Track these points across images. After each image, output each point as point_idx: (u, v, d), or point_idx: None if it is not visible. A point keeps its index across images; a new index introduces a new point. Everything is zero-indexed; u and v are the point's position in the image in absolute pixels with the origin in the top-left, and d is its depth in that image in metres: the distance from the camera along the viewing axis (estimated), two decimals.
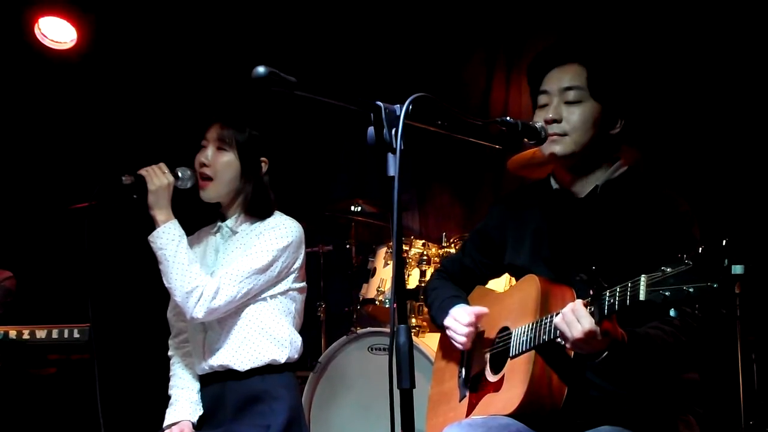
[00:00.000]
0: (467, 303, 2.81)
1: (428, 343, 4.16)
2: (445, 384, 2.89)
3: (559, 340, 2.35)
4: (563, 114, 2.55)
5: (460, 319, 2.69)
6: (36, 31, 4.88)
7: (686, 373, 2.54)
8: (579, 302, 2.26)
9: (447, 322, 2.73)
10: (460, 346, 2.71)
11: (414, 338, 3.95)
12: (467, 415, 2.65)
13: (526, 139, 2.50)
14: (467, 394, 2.73)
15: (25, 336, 3.56)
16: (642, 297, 2.07)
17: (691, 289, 1.96)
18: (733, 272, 1.90)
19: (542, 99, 2.60)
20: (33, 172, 5.31)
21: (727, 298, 1.93)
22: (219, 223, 3.16)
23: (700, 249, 1.97)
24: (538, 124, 2.50)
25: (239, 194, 3.11)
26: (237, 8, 5.56)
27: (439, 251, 4.55)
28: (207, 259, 3.12)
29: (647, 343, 2.32)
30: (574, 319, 2.24)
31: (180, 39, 5.47)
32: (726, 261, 1.91)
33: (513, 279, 2.91)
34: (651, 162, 4.37)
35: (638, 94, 2.67)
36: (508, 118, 2.41)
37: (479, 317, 2.68)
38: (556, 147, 2.55)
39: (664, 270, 2.03)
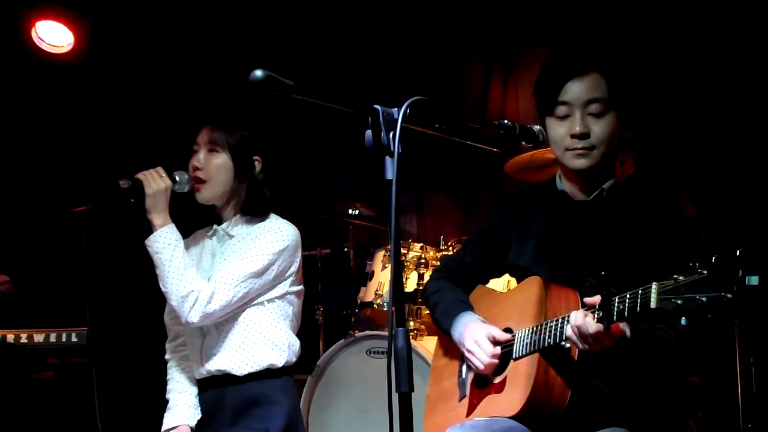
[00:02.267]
0: (472, 308, 2.80)
1: (426, 346, 4.16)
2: (443, 383, 2.88)
3: (563, 343, 2.36)
4: (590, 127, 2.52)
5: (484, 348, 2.62)
6: (33, 35, 4.87)
7: (687, 377, 2.54)
8: (588, 319, 2.26)
9: (469, 345, 2.65)
10: (476, 370, 2.68)
11: (412, 341, 3.96)
12: (467, 416, 2.65)
13: (523, 142, 2.49)
14: (467, 394, 2.72)
15: (23, 340, 3.56)
16: (653, 305, 2.07)
17: (704, 299, 1.96)
18: (747, 283, 1.89)
19: (562, 110, 2.55)
20: (31, 176, 5.30)
21: (740, 309, 1.93)
22: (215, 227, 3.16)
23: (713, 258, 1.96)
24: (536, 128, 2.49)
25: (234, 195, 3.11)
26: (233, 10, 5.56)
27: (437, 254, 4.54)
28: (203, 262, 3.11)
29: (649, 336, 2.33)
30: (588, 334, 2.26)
31: (176, 42, 5.47)
32: (740, 272, 1.90)
33: (511, 279, 2.91)
34: (655, 166, 4.36)
35: (653, 100, 2.67)
36: (505, 121, 2.41)
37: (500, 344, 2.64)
38: (583, 161, 2.54)
39: (676, 278, 2.02)
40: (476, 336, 2.65)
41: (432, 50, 5.71)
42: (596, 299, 2.28)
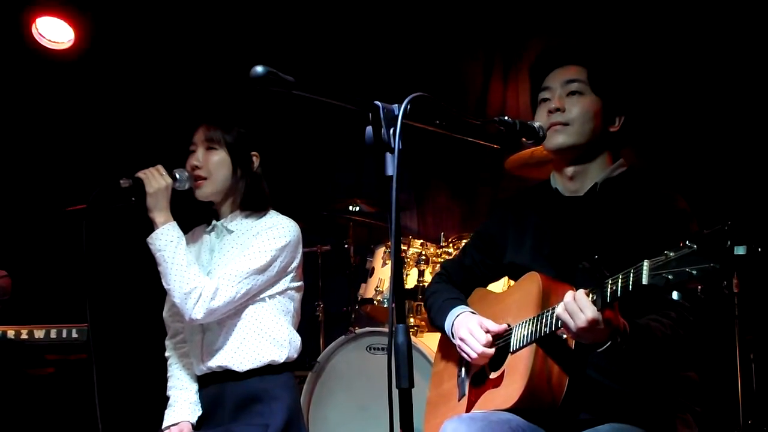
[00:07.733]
0: (467, 304, 2.82)
1: (427, 342, 4.16)
2: (443, 385, 2.89)
3: (560, 332, 2.36)
4: (566, 104, 2.61)
5: (477, 336, 2.64)
6: (34, 31, 4.87)
7: (683, 370, 2.55)
8: (581, 292, 2.27)
9: (463, 335, 2.67)
10: (468, 359, 2.69)
11: (412, 338, 3.96)
12: (466, 412, 2.65)
13: (524, 139, 2.51)
14: (466, 392, 2.73)
15: (24, 336, 3.56)
16: (645, 281, 2.07)
17: (694, 271, 1.98)
18: (735, 253, 1.92)
19: (544, 94, 2.68)
20: (31, 172, 5.30)
21: (728, 276, 1.95)
22: (214, 222, 3.16)
23: (703, 232, 1.98)
24: (536, 124, 2.51)
25: (233, 191, 3.11)
26: (234, 6, 5.55)
27: (437, 251, 4.55)
28: (202, 258, 3.12)
29: (647, 334, 2.33)
30: (577, 308, 2.24)
31: (177, 39, 5.47)
32: (729, 242, 1.93)
33: (511, 282, 2.91)
34: (649, 161, 4.38)
35: (636, 91, 2.70)
36: (506, 117, 2.42)
37: (495, 335, 2.64)
38: (559, 137, 2.61)
39: (666, 254, 2.04)
40: (468, 325, 2.67)
41: (432, 47, 5.72)
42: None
